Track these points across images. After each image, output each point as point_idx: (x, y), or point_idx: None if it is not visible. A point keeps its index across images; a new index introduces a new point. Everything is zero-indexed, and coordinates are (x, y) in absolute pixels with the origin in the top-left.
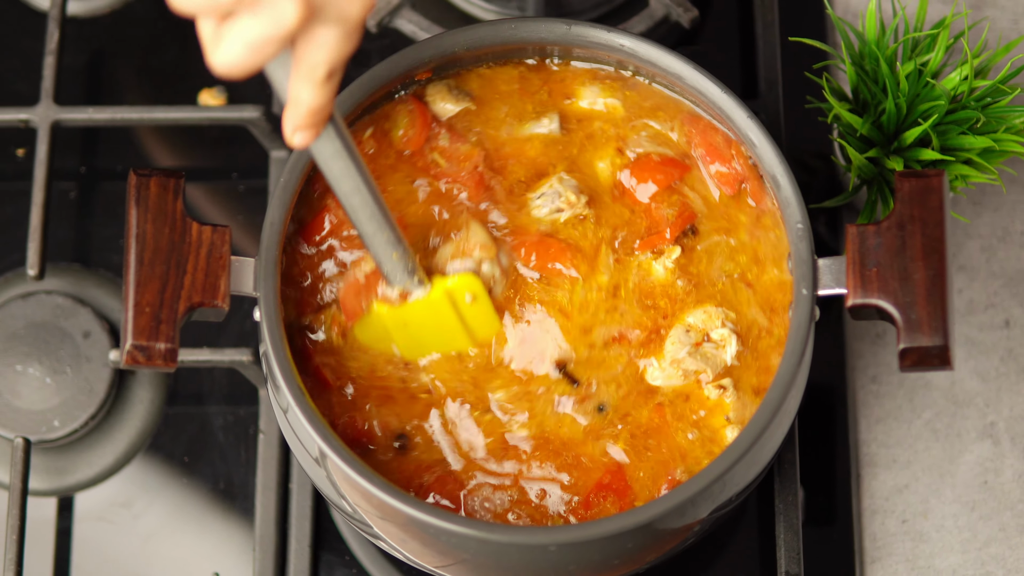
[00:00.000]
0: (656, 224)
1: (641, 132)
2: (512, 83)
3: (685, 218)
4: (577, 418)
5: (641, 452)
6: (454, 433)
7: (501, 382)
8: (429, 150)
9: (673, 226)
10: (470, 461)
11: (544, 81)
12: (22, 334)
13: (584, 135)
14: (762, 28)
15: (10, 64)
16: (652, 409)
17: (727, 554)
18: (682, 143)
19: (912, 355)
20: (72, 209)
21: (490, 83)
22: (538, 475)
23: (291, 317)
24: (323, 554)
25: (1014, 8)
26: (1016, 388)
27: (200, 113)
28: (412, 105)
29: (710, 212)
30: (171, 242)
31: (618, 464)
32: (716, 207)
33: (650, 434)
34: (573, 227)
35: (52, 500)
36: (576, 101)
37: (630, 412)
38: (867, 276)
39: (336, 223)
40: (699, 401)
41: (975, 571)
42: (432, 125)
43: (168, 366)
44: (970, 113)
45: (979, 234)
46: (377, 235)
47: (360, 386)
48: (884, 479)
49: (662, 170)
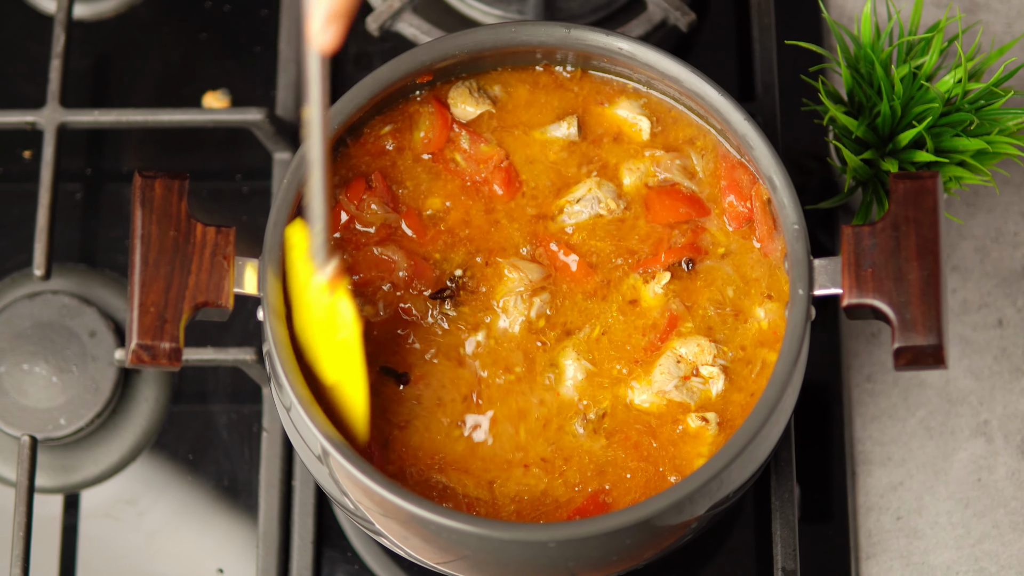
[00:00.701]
0: (660, 246)
1: (674, 160)
2: (535, 87)
3: (688, 249)
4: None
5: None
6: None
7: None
8: (451, 151)
9: (670, 252)
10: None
11: (564, 87)
12: (29, 333)
13: (610, 142)
14: (759, 32)
15: (17, 67)
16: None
17: (724, 551)
18: (707, 177)
19: (907, 354)
20: (78, 210)
21: (512, 87)
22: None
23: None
24: (326, 550)
25: (1007, 12)
26: (1009, 387)
27: (204, 116)
28: (433, 107)
29: (715, 246)
30: (176, 243)
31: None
32: (724, 242)
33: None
34: (599, 237)
35: (58, 497)
36: (610, 107)
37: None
38: (862, 276)
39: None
40: (680, 428)
41: (969, 567)
42: (452, 127)
43: (173, 365)
44: (964, 116)
45: (973, 235)
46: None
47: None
48: (879, 476)
49: (685, 203)
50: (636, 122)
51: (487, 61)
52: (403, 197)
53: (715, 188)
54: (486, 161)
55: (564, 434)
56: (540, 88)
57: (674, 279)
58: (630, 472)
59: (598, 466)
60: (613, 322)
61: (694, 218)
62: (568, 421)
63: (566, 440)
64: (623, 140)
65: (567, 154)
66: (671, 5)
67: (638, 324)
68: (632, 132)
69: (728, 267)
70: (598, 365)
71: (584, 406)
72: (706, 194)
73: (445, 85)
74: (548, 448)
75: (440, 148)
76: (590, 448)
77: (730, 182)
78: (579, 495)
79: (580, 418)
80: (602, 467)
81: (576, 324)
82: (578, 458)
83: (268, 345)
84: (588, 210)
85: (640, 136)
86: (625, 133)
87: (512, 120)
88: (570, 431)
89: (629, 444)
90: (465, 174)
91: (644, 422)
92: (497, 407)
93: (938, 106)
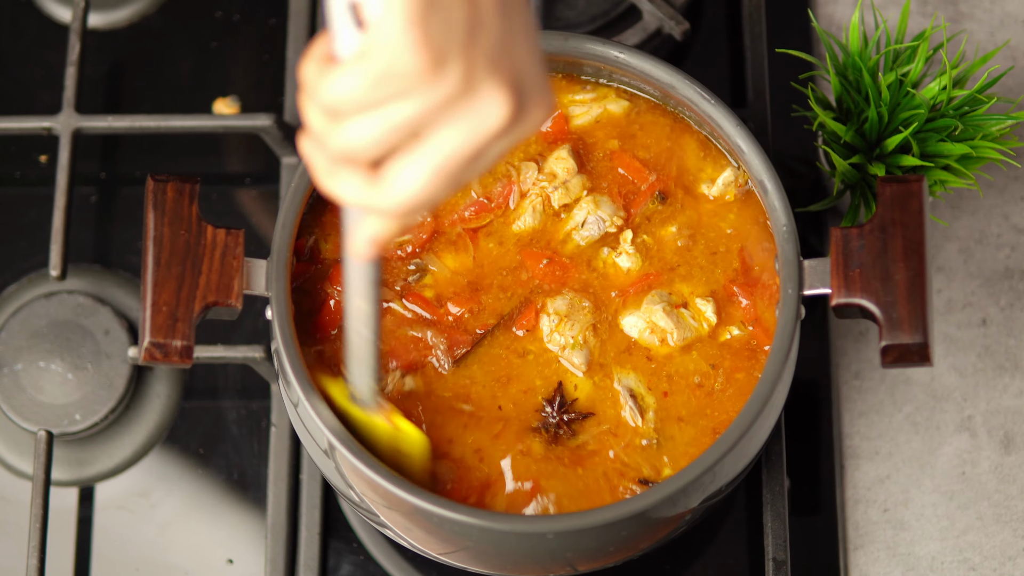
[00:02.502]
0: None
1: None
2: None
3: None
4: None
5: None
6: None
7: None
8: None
9: (641, 196)
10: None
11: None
12: (45, 332)
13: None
14: (750, 40)
15: (33, 75)
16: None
17: (717, 542)
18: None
19: (893, 352)
20: (92, 213)
21: None
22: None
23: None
24: (332, 541)
25: (991, 21)
26: (992, 383)
27: (214, 121)
28: None
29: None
30: (187, 244)
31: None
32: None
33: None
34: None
35: (74, 490)
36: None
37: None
38: (850, 276)
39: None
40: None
41: (953, 558)
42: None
43: (184, 362)
44: (949, 121)
45: (957, 236)
46: (366, 357)
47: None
48: (867, 470)
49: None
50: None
51: None
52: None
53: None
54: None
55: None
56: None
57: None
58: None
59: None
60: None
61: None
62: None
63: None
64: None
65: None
66: (665, 15)
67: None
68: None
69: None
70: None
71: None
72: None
73: None
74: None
75: None
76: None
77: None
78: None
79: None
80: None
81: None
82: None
83: (276, 343)
84: (596, 230)
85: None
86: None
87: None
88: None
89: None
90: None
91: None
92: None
93: (924, 112)
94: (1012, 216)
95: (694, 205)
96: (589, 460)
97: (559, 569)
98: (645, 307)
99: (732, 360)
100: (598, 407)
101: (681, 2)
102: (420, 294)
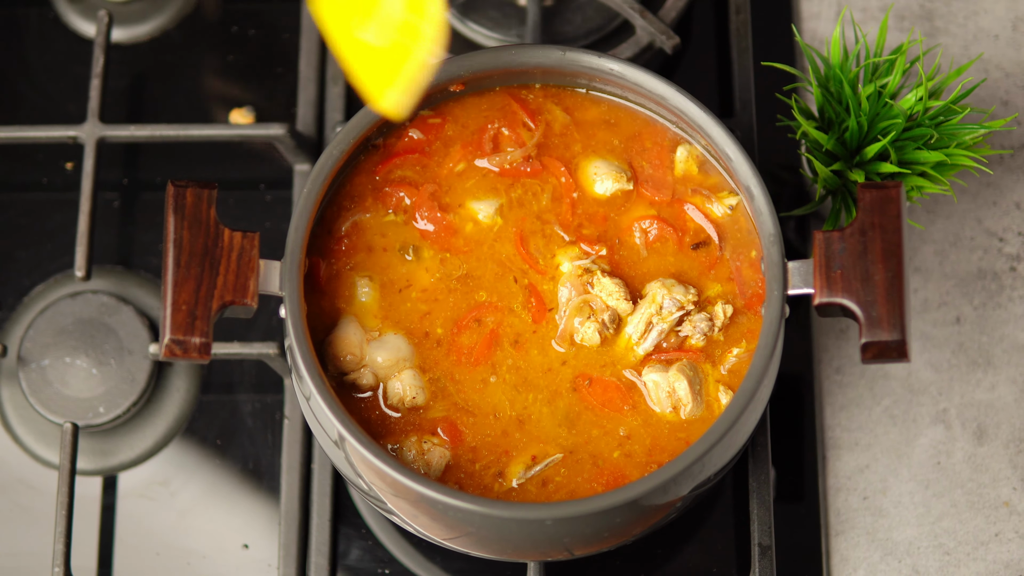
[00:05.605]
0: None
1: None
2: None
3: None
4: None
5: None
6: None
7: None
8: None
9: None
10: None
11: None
12: (71, 329)
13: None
14: (737, 54)
15: (60, 86)
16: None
17: (706, 528)
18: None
19: (873, 348)
20: (116, 217)
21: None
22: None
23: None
24: (342, 528)
25: (964, 36)
26: (966, 378)
27: (231, 131)
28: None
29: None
30: (205, 246)
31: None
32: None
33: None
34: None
35: (98, 479)
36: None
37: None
38: (832, 277)
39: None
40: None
41: (929, 543)
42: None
43: (202, 358)
44: (925, 130)
45: (933, 239)
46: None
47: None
48: (847, 460)
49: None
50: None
51: (488, 81)
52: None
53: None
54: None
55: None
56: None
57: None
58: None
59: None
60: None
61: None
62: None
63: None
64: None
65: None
66: (657, 29)
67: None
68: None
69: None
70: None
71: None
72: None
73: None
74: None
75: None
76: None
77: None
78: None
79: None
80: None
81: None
82: None
83: (289, 340)
84: (675, 314)
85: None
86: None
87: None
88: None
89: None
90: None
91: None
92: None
93: (901, 122)
94: (985, 220)
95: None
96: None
97: (557, 553)
98: (673, 372)
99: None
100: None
101: (672, 18)
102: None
